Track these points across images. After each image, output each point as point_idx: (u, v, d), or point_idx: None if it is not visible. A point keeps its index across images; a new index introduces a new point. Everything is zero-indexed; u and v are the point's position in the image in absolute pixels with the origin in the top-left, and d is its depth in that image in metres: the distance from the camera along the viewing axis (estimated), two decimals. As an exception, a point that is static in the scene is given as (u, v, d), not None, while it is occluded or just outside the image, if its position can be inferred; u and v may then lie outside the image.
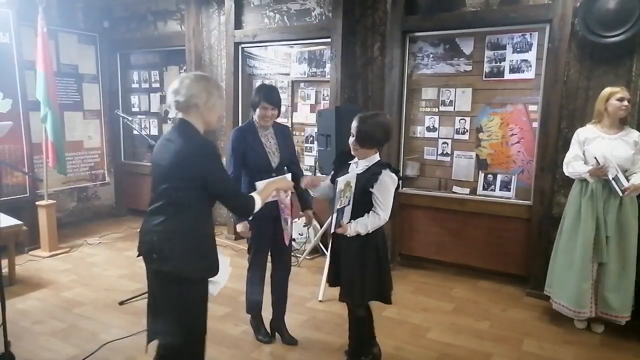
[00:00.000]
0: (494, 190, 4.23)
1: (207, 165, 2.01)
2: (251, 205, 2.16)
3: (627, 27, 3.47)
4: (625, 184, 3.13)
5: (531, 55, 4.00)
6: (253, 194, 2.21)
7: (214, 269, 2.13)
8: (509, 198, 4.17)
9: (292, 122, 5.29)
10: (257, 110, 2.94)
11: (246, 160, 2.97)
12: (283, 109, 5.37)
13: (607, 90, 3.29)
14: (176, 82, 2.08)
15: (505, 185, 4.19)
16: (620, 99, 3.20)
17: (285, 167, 3.11)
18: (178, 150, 2.00)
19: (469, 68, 4.26)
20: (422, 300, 3.92)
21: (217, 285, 2.22)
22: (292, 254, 4.00)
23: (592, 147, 3.26)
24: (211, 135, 5.77)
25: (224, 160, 2.50)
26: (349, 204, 2.46)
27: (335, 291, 3.99)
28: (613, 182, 3.12)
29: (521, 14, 3.90)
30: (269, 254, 3.17)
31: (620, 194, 3.12)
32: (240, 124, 5.48)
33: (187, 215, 2.02)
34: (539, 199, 3.93)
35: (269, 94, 2.93)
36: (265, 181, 2.44)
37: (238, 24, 5.30)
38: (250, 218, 2.99)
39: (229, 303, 3.79)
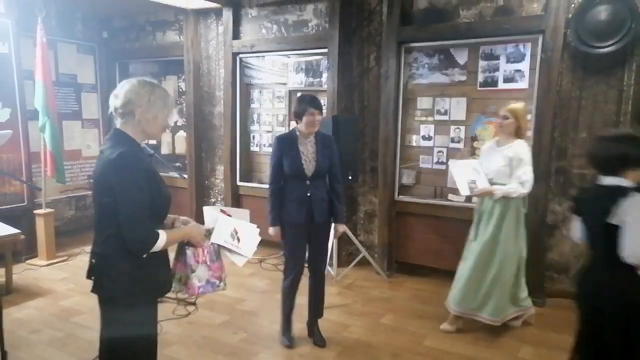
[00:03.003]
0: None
1: (117, 176, 1.75)
2: (150, 241, 1.78)
3: (619, 38, 3.54)
4: (481, 186, 3.27)
5: (524, 66, 4.05)
6: (161, 231, 1.82)
7: (160, 289, 1.98)
8: (504, 206, 4.20)
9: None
10: (304, 117, 3.03)
11: (281, 167, 3.09)
12: (280, 118, 5.45)
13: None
14: (119, 85, 1.88)
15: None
16: (498, 117, 3.38)
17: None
18: (104, 162, 1.80)
19: (464, 78, 4.32)
20: (419, 307, 3.94)
21: (243, 258, 2.17)
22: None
23: (482, 158, 3.48)
24: (206, 141, 5.81)
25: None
26: None
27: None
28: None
29: (514, 25, 3.97)
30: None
31: (463, 194, 3.30)
32: (238, 133, 5.55)
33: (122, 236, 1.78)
34: (534, 207, 3.96)
35: (313, 100, 3.06)
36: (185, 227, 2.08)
37: (236, 35, 5.36)
38: (273, 225, 3.12)
39: (227, 311, 3.80)
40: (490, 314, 3.36)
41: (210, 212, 2.17)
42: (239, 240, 2.14)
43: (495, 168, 3.32)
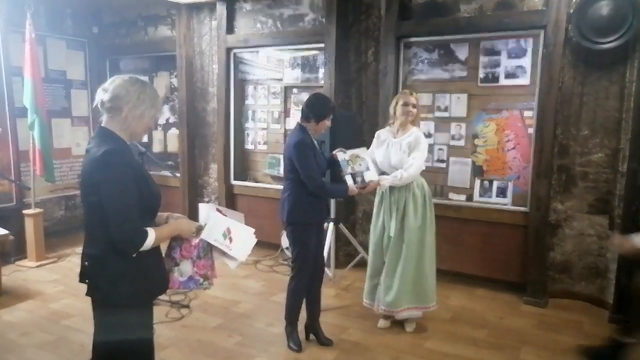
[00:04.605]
0: (490, 197, 4.20)
1: (103, 174, 1.72)
2: (140, 239, 1.74)
3: (620, 34, 3.49)
4: (368, 178, 3.18)
5: (526, 61, 3.99)
6: (149, 229, 1.78)
7: (157, 288, 1.95)
8: (505, 204, 4.14)
9: (285, 128, 5.24)
10: (322, 122, 3.06)
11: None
12: (276, 114, 5.35)
13: (398, 94, 3.43)
14: (109, 80, 1.86)
15: (502, 192, 4.17)
16: (405, 104, 3.29)
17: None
18: (90, 160, 1.78)
19: (464, 74, 4.24)
20: (419, 308, 3.88)
21: (236, 260, 2.09)
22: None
23: (378, 151, 3.41)
24: (199, 139, 5.72)
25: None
26: None
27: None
28: (348, 176, 3.15)
29: (515, 20, 3.90)
30: None
31: (355, 189, 3.14)
32: (232, 131, 5.45)
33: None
34: (536, 205, 3.91)
35: (334, 106, 3.13)
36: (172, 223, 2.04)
37: (230, 29, 5.26)
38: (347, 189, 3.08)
39: (221, 314, 3.73)
40: (388, 305, 3.38)
41: (205, 209, 2.12)
42: (231, 240, 2.05)
43: (399, 159, 3.28)
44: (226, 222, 2.08)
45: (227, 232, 2.05)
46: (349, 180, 3.14)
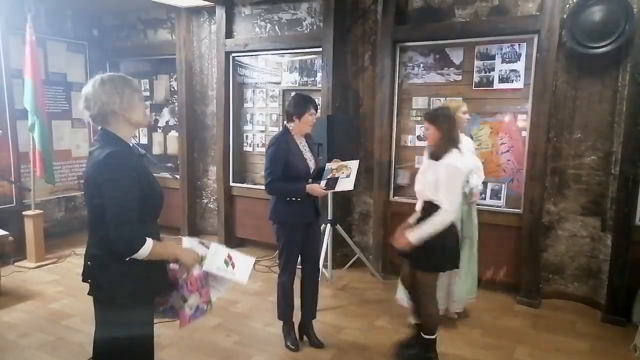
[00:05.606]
0: (485, 199, 4.24)
1: (106, 175, 1.74)
2: (136, 243, 1.74)
3: (613, 39, 3.54)
4: (342, 185, 3.22)
5: (520, 66, 4.04)
6: (149, 239, 1.78)
7: (156, 289, 1.96)
8: (499, 206, 4.20)
9: (283, 131, 5.28)
10: (304, 117, 3.04)
11: (287, 167, 3.02)
12: (274, 117, 5.40)
13: (454, 103, 3.54)
14: (82, 94, 1.85)
15: (496, 194, 4.22)
16: (464, 112, 3.47)
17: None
18: (93, 162, 1.81)
19: (459, 78, 4.30)
20: (414, 309, 3.92)
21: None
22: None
23: (467, 158, 3.44)
24: (198, 141, 5.76)
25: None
26: None
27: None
28: (324, 181, 3.13)
29: (510, 24, 3.96)
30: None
31: (321, 190, 3.14)
32: (230, 133, 5.49)
33: None
34: (529, 207, 3.95)
35: (313, 100, 3.09)
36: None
37: (229, 33, 5.31)
38: (304, 188, 3.02)
39: (220, 314, 3.74)
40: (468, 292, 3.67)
41: (189, 242, 2.10)
42: (233, 266, 2.08)
43: (475, 162, 3.50)
44: (225, 249, 2.09)
45: (229, 258, 2.08)
46: (322, 183, 3.16)
